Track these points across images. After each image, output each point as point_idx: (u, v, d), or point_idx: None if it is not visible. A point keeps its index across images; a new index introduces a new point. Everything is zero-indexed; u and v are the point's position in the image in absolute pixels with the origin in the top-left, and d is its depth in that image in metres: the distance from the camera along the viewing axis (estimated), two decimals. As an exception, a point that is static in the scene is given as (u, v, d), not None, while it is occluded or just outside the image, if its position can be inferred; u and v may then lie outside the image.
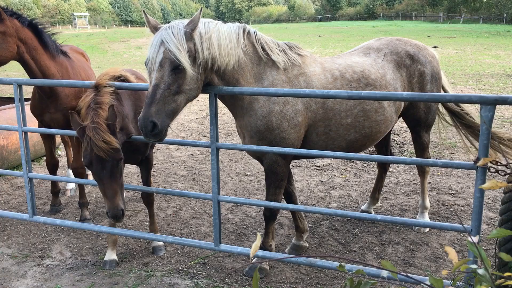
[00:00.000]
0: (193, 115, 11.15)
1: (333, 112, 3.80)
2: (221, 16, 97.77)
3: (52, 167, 5.47)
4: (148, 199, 4.51)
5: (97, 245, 4.68)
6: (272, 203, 3.55)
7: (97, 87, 3.65)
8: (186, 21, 3.23)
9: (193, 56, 3.18)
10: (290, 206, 3.54)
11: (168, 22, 3.30)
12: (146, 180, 4.46)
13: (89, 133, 3.29)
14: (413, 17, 67.90)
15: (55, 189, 5.59)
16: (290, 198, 4.38)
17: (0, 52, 4.19)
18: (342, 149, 3.99)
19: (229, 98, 3.60)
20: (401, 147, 8.00)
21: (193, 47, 3.18)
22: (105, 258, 4.26)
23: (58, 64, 4.77)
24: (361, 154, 3.32)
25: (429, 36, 35.79)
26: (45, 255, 4.50)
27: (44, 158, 7.01)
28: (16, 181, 6.63)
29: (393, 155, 5.21)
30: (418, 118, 4.43)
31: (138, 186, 4.27)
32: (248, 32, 3.59)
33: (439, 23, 59.31)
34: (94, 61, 27.16)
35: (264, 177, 6.52)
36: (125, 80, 4.00)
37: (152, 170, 6.90)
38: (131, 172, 6.90)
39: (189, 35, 3.16)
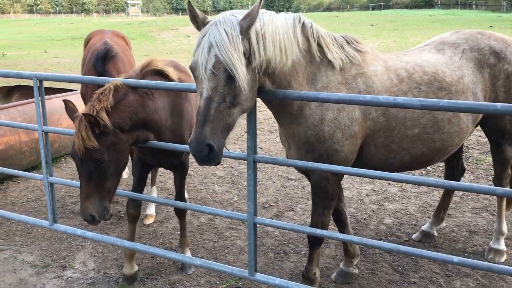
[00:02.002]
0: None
1: (397, 121, 3.13)
2: (270, 4, 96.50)
3: None
4: (179, 209, 4.03)
5: (123, 256, 4.25)
6: (318, 231, 2.94)
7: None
8: (239, 13, 2.57)
9: (248, 58, 2.53)
10: (341, 236, 2.92)
11: (219, 11, 2.69)
12: (179, 188, 3.96)
13: (75, 123, 2.97)
14: (473, 6, 64.11)
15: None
16: (339, 217, 3.75)
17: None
18: (404, 163, 3.33)
19: (278, 103, 3.00)
20: (465, 151, 7.09)
21: (248, 47, 2.52)
22: (123, 270, 3.89)
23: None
24: (435, 180, 2.65)
25: (491, 26, 33.38)
26: (67, 265, 4.14)
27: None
28: (55, 175, 6.37)
29: (464, 170, 4.45)
30: (502, 129, 3.66)
31: (163, 200, 3.79)
32: (303, 23, 2.93)
33: (501, 12, 55.55)
34: (143, 49, 27.32)
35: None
36: (163, 74, 3.54)
37: (189, 169, 6.46)
38: (166, 171, 6.48)
39: (245, 33, 2.49)
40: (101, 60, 4.69)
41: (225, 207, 5.32)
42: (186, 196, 5.48)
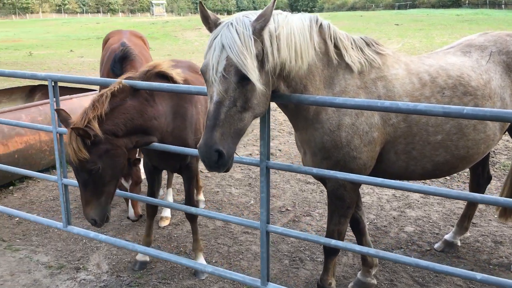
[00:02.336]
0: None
1: (418, 126, 2.98)
2: (294, 4, 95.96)
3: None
4: (190, 214, 3.97)
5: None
6: (333, 242, 2.82)
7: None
8: (252, 14, 2.47)
9: (262, 61, 2.43)
10: (357, 248, 2.79)
11: (242, 11, 2.60)
12: (188, 192, 3.91)
13: (68, 134, 3.02)
14: (503, 5, 62.34)
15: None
16: (357, 225, 3.61)
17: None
18: (426, 171, 3.17)
19: (293, 108, 2.89)
20: (492, 157, 6.82)
21: (261, 49, 2.42)
22: (137, 257, 4.11)
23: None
24: (458, 192, 2.50)
25: (522, 26, 32.46)
26: (81, 266, 4.12)
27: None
28: (70, 174, 6.41)
29: (490, 178, 4.25)
30: (532, 137, 3.47)
31: (174, 204, 3.72)
32: (321, 25, 2.80)
33: (533, 11, 53.88)
34: (166, 48, 27.54)
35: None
36: (166, 76, 3.48)
37: (205, 171, 6.40)
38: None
39: (258, 34, 2.38)
40: (119, 63, 4.67)
41: (241, 211, 5.23)
42: (202, 198, 5.42)
